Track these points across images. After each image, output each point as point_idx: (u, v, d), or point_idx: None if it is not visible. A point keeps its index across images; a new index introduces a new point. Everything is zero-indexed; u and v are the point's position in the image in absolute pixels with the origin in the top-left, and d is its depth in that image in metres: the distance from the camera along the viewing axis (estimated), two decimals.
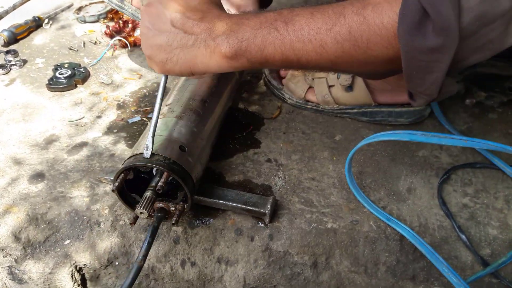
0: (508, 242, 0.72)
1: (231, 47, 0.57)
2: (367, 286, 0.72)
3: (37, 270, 0.73)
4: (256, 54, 0.56)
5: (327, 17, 0.52)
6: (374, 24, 0.50)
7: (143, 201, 0.64)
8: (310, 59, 0.55)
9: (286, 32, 0.54)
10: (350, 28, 0.51)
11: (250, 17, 0.58)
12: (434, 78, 0.51)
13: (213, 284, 0.73)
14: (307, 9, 0.55)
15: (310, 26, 0.53)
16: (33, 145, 0.86)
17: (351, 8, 0.51)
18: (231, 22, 0.58)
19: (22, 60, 1.09)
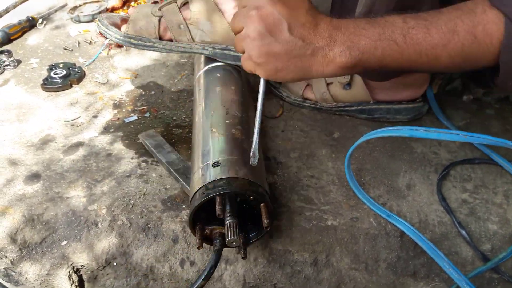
0: (508, 237, 0.72)
1: (353, 59, 0.58)
2: (367, 283, 0.71)
3: (33, 271, 0.72)
4: (374, 64, 0.59)
5: (442, 33, 0.56)
6: (484, 44, 0.55)
7: (229, 230, 0.59)
8: (422, 68, 0.60)
9: (405, 45, 0.57)
10: (463, 46, 0.55)
11: (366, 26, 0.58)
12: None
13: (213, 284, 0.72)
14: (421, 21, 0.57)
15: (427, 41, 0.56)
16: (28, 145, 0.85)
17: (463, 26, 0.55)
18: (348, 32, 0.58)
19: (16, 60, 1.08)
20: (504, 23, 0.53)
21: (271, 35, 0.58)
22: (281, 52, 0.59)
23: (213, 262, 0.60)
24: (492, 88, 0.94)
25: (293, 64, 0.59)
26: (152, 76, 1.06)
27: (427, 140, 0.87)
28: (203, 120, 0.75)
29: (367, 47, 0.57)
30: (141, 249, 0.72)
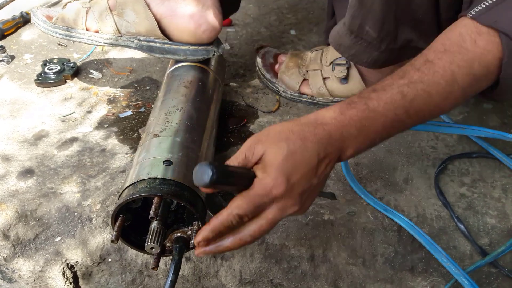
0: (506, 231, 0.71)
1: (362, 151, 0.56)
2: (365, 278, 0.71)
3: (27, 268, 0.71)
4: (381, 141, 0.57)
5: (441, 90, 0.54)
6: (483, 77, 0.54)
7: (151, 234, 0.55)
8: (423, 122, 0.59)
9: (409, 119, 0.55)
10: (464, 91, 0.55)
11: (369, 124, 0.54)
12: None
13: (209, 280, 0.72)
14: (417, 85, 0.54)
15: (429, 105, 0.55)
16: (21, 141, 0.84)
17: (460, 71, 0.53)
18: (353, 136, 0.53)
19: (9, 56, 1.07)
20: (501, 41, 0.52)
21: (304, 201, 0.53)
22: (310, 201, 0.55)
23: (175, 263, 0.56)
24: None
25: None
26: (147, 71, 1.05)
27: (425, 134, 0.86)
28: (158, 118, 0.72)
29: (373, 139, 0.55)
30: None
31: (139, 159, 0.63)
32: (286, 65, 0.95)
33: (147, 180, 0.58)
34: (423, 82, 0.54)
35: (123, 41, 0.86)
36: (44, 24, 0.88)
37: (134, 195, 0.56)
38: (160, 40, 0.84)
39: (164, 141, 0.65)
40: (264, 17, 1.28)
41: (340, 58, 0.88)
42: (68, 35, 0.87)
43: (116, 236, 0.55)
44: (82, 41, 0.87)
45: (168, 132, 0.67)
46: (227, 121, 0.90)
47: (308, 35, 1.21)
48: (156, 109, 0.74)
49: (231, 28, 1.23)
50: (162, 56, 0.85)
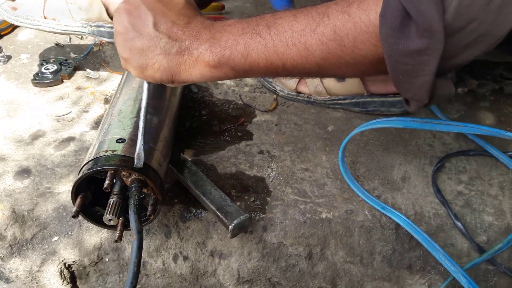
0: (503, 228, 0.71)
1: (214, 56, 0.54)
2: (363, 276, 0.71)
3: (24, 268, 0.71)
4: (239, 61, 0.54)
5: (310, 18, 0.50)
6: (360, 21, 0.47)
7: (109, 207, 0.59)
8: (295, 63, 0.53)
9: (269, 36, 0.52)
10: (335, 28, 0.49)
11: (232, 23, 0.55)
12: (422, 82, 0.47)
13: (207, 278, 0.72)
14: (291, 11, 0.53)
15: (293, 29, 0.51)
16: (18, 141, 0.83)
17: (336, 7, 0.49)
18: (214, 29, 0.55)
19: (6, 56, 1.07)
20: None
21: (134, 29, 0.56)
22: (143, 47, 0.56)
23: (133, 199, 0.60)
24: (487, 80, 0.94)
25: (158, 61, 0.56)
26: None
27: (422, 133, 0.86)
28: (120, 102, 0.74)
29: (229, 43, 0.54)
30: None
31: (97, 139, 0.66)
32: None
33: (101, 157, 0.61)
34: (298, 10, 0.52)
35: (77, 27, 0.92)
36: (7, 14, 0.94)
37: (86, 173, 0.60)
38: (108, 25, 0.91)
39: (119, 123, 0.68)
40: None
41: None
42: (28, 23, 0.93)
43: (76, 212, 0.59)
44: (41, 29, 0.94)
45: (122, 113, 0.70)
46: (224, 120, 0.89)
47: None
48: (117, 93, 0.77)
49: None
50: (111, 40, 0.92)
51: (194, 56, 0.55)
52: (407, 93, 0.51)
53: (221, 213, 0.66)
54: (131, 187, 0.61)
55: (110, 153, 0.62)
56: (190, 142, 0.83)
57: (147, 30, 0.56)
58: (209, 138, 0.85)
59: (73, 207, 0.60)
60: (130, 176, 0.61)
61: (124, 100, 0.73)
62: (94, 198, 0.64)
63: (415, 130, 0.86)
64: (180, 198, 0.72)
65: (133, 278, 0.54)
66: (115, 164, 0.60)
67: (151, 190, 0.63)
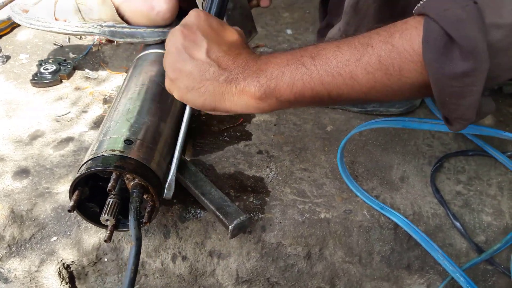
0: (502, 228, 0.71)
1: (260, 87, 0.55)
2: (361, 276, 0.71)
3: (23, 268, 0.71)
4: (285, 92, 0.55)
5: (354, 49, 0.51)
6: (405, 51, 0.48)
7: (107, 207, 0.59)
8: (341, 92, 0.53)
9: (314, 67, 0.53)
10: (379, 58, 0.50)
11: (277, 55, 0.57)
12: (470, 102, 0.48)
13: (205, 278, 0.72)
14: (333, 42, 0.54)
15: (338, 59, 0.52)
16: (17, 141, 0.83)
17: (378, 38, 0.50)
18: (260, 61, 0.57)
19: (5, 56, 1.07)
20: (423, 22, 0.47)
21: (187, 52, 0.57)
22: (193, 70, 0.57)
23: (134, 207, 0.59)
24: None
25: (204, 87, 0.57)
26: None
27: (420, 133, 0.86)
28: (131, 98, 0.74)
29: (275, 74, 0.55)
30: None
31: (101, 136, 0.66)
32: None
33: (110, 157, 0.61)
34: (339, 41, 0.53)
35: (88, 28, 0.92)
36: (19, 16, 0.94)
37: (91, 169, 0.59)
38: (119, 25, 0.91)
39: (126, 123, 0.68)
40: (260, 17, 1.28)
41: None
42: (40, 25, 0.93)
43: (73, 206, 0.59)
44: (53, 31, 0.93)
45: (131, 112, 0.70)
46: (223, 120, 0.89)
47: (304, 34, 1.21)
48: (121, 91, 0.77)
49: None
50: (123, 40, 0.93)
51: (240, 86, 0.56)
52: (453, 114, 0.51)
53: (221, 213, 0.66)
54: (132, 192, 0.60)
55: (118, 153, 0.61)
56: (189, 143, 0.83)
57: (200, 55, 0.57)
58: (208, 138, 0.85)
59: (70, 201, 0.60)
60: (133, 180, 0.61)
61: (132, 98, 0.73)
62: (90, 194, 0.64)
63: (413, 130, 0.86)
64: (179, 198, 0.72)
65: (130, 285, 0.53)
66: (125, 168, 0.59)
67: (150, 197, 0.62)
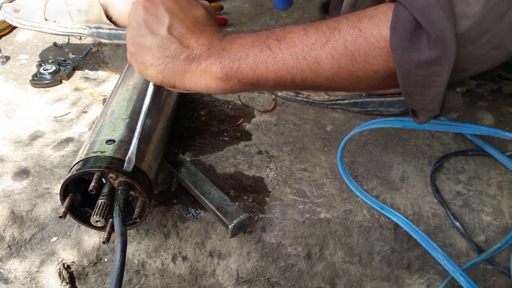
0: (502, 228, 0.71)
1: (223, 68, 0.53)
2: (361, 276, 0.71)
3: (23, 269, 0.71)
4: (247, 74, 0.53)
5: (321, 32, 0.50)
6: (372, 36, 0.47)
7: (97, 208, 0.59)
8: (305, 77, 0.52)
9: (279, 50, 0.51)
10: (345, 42, 0.48)
11: (243, 36, 0.55)
12: (435, 93, 0.47)
13: (206, 279, 0.72)
14: (301, 25, 0.52)
15: (304, 42, 0.50)
16: (17, 141, 0.83)
17: (346, 22, 0.49)
18: (225, 41, 0.55)
19: (4, 56, 1.07)
20: (393, 8, 0.45)
21: (148, 27, 0.55)
22: (152, 46, 0.55)
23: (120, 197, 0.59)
24: (486, 80, 0.94)
25: (164, 63, 0.55)
26: None
27: (420, 133, 0.86)
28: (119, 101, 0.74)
29: (238, 55, 0.53)
30: (132, 244, 0.71)
31: (88, 140, 0.66)
32: None
33: (90, 159, 0.61)
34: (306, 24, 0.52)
35: (77, 28, 0.93)
36: (9, 16, 0.95)
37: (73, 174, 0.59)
38: (106, 26, 0.92)
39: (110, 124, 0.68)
40: (259, 17, 1.28)
41: None
42: (30, 25, 0.94)
43: (64, 212, 0.59)
44: (42, 31, 0.94)
45: (116, 114, 0.69)
46: (223, 121, 0.89)
47: None
48: (112, 93, 0.77)
49: (227, 28, 1.23)
50: (110, 41, 0.94)
51: (202, 66, 0.55)
52: (418, 105, 0.50)
53: (221, 213, 0.66)
54: (117, 190, 0.60)
55: (99, 154, 0.61)
56: (189, 143, 0.83)
57: (160, 31, 0.55)
58: (208, 138, 0.85)
59: (61, 207, 0.61)
60: (117, 178, 0.61)
61: (118, 100, 0.73)
62: (85, 198, 0.64)
63: (413, 130, 0.86)
64: (179, 199, 0.72)
65: (117, 281, 0.53)
66: (102, 166, 0.59)
67: (138, 193, 0.62)
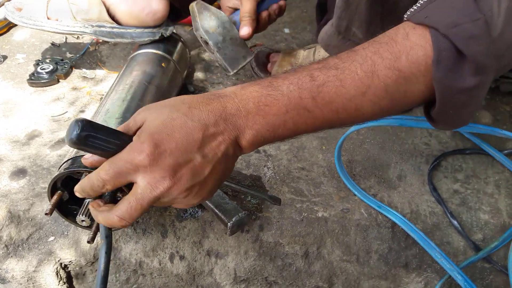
0: (499, 226, 0.71)
1: (265, 140, 0.49)
2: (359, 275, 0.71)
3: (20, 268, 0.71)
4: (289, 135, 0.50)
5: (358, 81, 0.47)
6: (412, 75, 0.46)
7: (83, 208, 0.59)
8: (344, 123, 0.51)
9: (317, 109, 0.48)
10: (386, 87, 0.47)
11: (268, 101, 0.47)
12: (470, 111, 0.49)
13: (203, 278, 0.72)
14: (330, 71, 0.48)
15: (342, 96, 0.47)
16: (14, 141, 0.83)
17: (383, 63, 0.47)
18: (251, 115, 0.47)
19: (2, 56, 1.06)
20: (430, 38, 0.45)
21: (186, 187, 0.47)
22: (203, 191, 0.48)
23: None
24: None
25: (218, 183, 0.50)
26: None
27: (418, 131, 0.86)
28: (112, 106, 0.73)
29: (276, 125, 0.48)
30: (129, 244, 0.71)
31: None
32: (279, 64, 0.95)
33: (78, 158, 0.60)
34: (338, 69, 0.47)
35: (80, 27, 0.92)
36: (12, 15, 0.94)
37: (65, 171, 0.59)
38: (109, 25, 0.91)
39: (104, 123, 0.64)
40: None
41: None
42: (32, 23, 0.93)
43: (50, 210, 0.59)
44: (45, 29, 0.94)
45: (109, 112, 0.69)
46: None
47: (302, 33, 1.21)
48: (109, 91, 0.77)
49: None
50: (113, 40, 0.93)
51: (237, 152, 0.49)
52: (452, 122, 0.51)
53: (220, 211, 0.66)
54: None
55: None
56: None
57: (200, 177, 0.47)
58: None
59: (48, 204, 0.61)
60: None
61: (114, 99, 0.73)
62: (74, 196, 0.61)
63: (411, 128, 0.86)
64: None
65: (102, 284, 0.52)
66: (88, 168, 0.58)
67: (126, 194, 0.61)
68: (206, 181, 0.47)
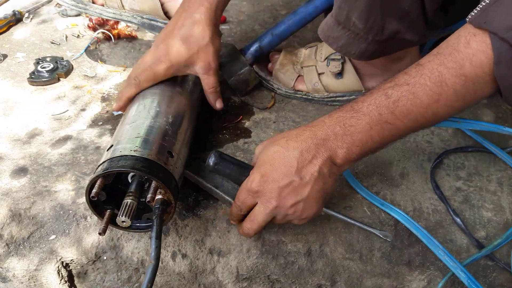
0: (502, 224, 0.71)
1: (356, 156, 0.59)
2: (362, 273, 0.70)
3: (21, 267, 0.70)
4: (378, 147, 0.59)
5: (429, 91, 0.54)
6: (478, 77, 0.52)
7: (123, 208, 0.58)
8: (426, 126, 0.59)
9: (399, 121, 0.56)
10: (456, 92, 0.53)
11: (352, 122, 0.58)
12: None
13: (205, 276, 0.71)
14: (401, 87, 0.55)
15: (418, 106, 0.55)
16: (15, 139, 0.83)
17: (449, 72, 0.53)
18: (339, 136, 0.58)
19: (2, 54, 1.06)
20: (490, 42, 0.49)
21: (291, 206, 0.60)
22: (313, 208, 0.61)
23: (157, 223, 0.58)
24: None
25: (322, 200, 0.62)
26: None
27: None
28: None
29: (364, 140, 0.57)
30: (131, 242, 0.70)
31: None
32: (280, 63, 0.94)
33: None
34: (409, 84, 0.55)
35: (126, 16, 0.92)
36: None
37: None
38: (161, 21, 0.91)
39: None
40: (258, 14, 1.27)
41: (334, 53, 0.88)
42: (75, 5, 0.94)
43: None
44: (88, 13, 0.94)
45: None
46: (222, 118, 0.89)
47: (302, 31, 1.20)
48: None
49: (225, 26, 1.22)
50: None
51: (334, 171, 0.60)
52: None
53: None
54: (156, 208, 0.59)
55: (163, 164, 0.61)
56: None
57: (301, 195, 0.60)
58: (207, 135, 0.84)
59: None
60: (165, 193, 0.60)
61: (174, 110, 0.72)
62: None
63: None
64: (178, 197, 0.72)
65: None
66: (168, 185, 0.59)
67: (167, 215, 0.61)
68: (309, 198, 0.59)
